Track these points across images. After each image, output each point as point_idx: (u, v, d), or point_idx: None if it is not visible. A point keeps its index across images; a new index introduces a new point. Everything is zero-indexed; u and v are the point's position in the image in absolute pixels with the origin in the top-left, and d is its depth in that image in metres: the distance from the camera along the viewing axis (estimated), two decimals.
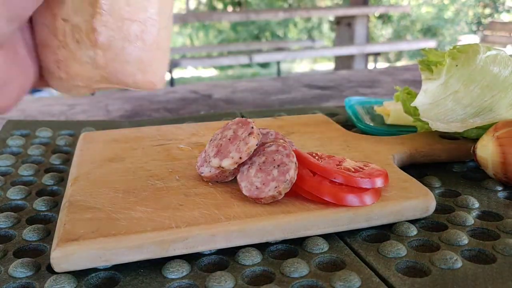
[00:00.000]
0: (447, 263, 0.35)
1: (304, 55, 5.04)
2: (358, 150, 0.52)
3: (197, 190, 0.42)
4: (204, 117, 0.73)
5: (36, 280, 0.34)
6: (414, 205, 0.40)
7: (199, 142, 0.54)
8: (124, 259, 0.34)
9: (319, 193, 0.38)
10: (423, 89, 0.56)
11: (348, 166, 0.42)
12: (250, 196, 0.39)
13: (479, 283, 0.33)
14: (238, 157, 0.40)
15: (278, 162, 0.40)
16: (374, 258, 0.36)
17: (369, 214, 0.39)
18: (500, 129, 0.48)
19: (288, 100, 0.93)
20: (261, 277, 0.35)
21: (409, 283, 0.33)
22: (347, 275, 0.33)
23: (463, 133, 0.55)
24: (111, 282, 0.34)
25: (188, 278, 0.34)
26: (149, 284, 0.34)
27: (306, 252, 0.37)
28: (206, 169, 0.43)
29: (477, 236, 0.40)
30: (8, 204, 0.45)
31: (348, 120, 0.70)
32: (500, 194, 0.47)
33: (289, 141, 0.45)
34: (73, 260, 0.33)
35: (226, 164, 0.40)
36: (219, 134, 0.44)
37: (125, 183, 0.43)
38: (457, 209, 0.44)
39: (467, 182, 0.50)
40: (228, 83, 1.11)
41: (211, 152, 0.43)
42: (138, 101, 0.93)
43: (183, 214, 0.37)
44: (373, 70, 1.29)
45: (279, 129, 0.58)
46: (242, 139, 0.41)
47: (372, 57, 5.01)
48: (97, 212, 0.38)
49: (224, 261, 0.36)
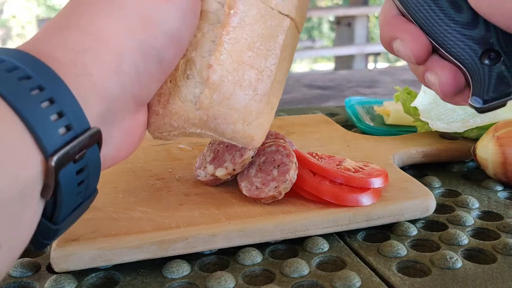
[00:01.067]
0: (447, 263, 0.35)
1: (304, 55, 5.04)
2: (358, 150, 0.52)
3: (197, 190, 0.42)
4: None
5: (36, 280, 0.34)
6: (414, 205, 0.40)
7: (199, 142, 0.54)
8: (124, 259, 0.34)
9: (319, 193, 0.38)
10: (423, 89, 0.56)
11: (348, 166, 0.42)
12: (250, 196, 0.39)
13: (479, 283, 0.33)
14: (232, 169, 0.40)
15: (278, 162, 0.40)
16: (374, 258, 0.36)
17: (369, 214, 0.39)
18: (500, 129, 0.48)
19: (288, 100, 0.93)
20: (261, 277, 0.35)
21: (409, 283, 0.33)
22: (347, 275, 0.33)
23: (463, 133, 0.55)
24: (111, 282, 0.34)
25: (188, 278, 0.34)
26: (149, 284, 0.34)
27: (306, 252, 0.37)
28: (202, 173, 0.43)
29: (477, 236, 0.40)
30: None
31: (348, 120, 0.70)
32: (500, 194, 0.47)
33: (289, 141, 0.45)
34: (73, 260, 0.33)
35: (219, 174, 0.40)
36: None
37: (125, 183, 0.43)
38: (457, 209, 0.44)
39: (467, 182, 0.50)
40: None
41: (208, 157, 0.43)
42: None
43: (183, 214, 0.37)
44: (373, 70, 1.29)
45: (279, 129, 0.58)
46: (239, 150, 0.40)
47: (372, 57, 5.01)
48: (97, 212, 0.37)
49: (224, 261, 0.36)
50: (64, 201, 0.23)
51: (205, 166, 0.42)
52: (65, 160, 0.23)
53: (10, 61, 0.23)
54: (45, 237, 0.25)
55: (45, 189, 0.22)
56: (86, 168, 0.25)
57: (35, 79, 0.23)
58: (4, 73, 0.22)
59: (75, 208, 0.26)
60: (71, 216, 0.26)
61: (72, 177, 0.24)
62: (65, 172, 0.23)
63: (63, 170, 0.23)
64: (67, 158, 0.23)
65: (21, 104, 0.21)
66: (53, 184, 0.22)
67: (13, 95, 0.21)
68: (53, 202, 0.23)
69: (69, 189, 0.24)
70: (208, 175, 0.42)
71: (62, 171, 0.23)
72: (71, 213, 0.25)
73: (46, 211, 0.24)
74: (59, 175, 0.22)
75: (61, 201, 0.23)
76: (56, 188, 0.23)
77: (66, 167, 0.23)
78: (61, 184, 0.23)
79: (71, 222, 0.26)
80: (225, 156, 0.41)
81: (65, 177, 0.23)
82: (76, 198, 0.25)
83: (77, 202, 0.25)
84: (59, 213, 0.24)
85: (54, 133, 0.22)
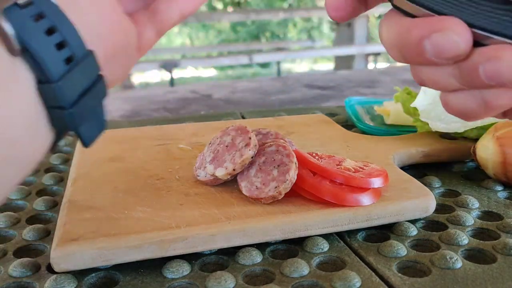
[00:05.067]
0: (447, 263, 0.35)
1: (304, 55, 5.04)
2: (358, 150, 0.52)
3: (197, 190, 0.42)
4: (204, 117, 0.73)
5: (36, 280, 0.34)
6: (414, 205, 0.40)
7: (199, 142, 0.54)
8: (124, 259, 0.34)
9: (319, 193, 0.38)
10: (423, 89, 0.56)
11: (348, 166, 0.42)
12: (250, 196, 0.39)
13: (479, 283, 0.33)
14: (231, 169, 0.40)
15: (278, 162, 0.40)
16: (374, 258, 0.36)
17: (369, 214, 0.39)
18: (500, 129, 0.48)
19: (288, 100, 0.93)
20: (261, 277, 0.35)
21: (409, 283, 0.33)
22: (347, 275, 0.33)
23: (463, 133, 0.55)
24: (111, 282, 0.34)
25: (188, 278, 0.34)
26: (149, 284, 0.34)
27: (306, 252, 0.37)
28: (202, 173, 0.43)
29: (477, 236, 0.40)
30: (8, 204, 0.45)
31: (348, 120, 0.70)
32: (500, 194, 0.47)
33: (289, 141, 0.45)
34: (73, 260, 0.33)
35: (219, 174, 0.40)
36: (218, 139, 0.43)
37: (125, 183, 0.43)
38: (457, 209, 0.44)
39: (467, 182, 0.50)
40: (228, 83, 1.11)
41: (208, 157, 0.43)
42: (138, 101, 0.93)
43: (183, 214, 0.37)
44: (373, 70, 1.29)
45: (279, 129, 0.58)
46: (239, 150, 0.40)
47: (372, 57, 5.00)
48: (97, 212, 0.38)
49: (224, 261, 0.36)
50: (37, 49, 0.22)
51: (205, 166, 0.42)
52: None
53: None
54: (62, 117, 0.24)
55: (6, 43, 0.22)
56: (45, 16, 0.24)
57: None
58: None
59: (85, 93, 0.25)
60: (85, 98, 0.25)
61: (29, 21, 0.23)
62: (14, 15, 0.22)
63: (11, 14, 0.22)
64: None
65: None
66: (6, 32, 0.22)
67: None
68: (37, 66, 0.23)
69: (34, 35, 0.23)
70: (208, 175, 0.42)
71: (11, 15, 0.22)
72: (82, 95, 0.25)
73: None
74: (11, 22, 0.22)
75: (34, 49, 0.22)
76: (22, 41, 0.22)
77: (12, 10, 0.22)
78: (18, 30, 0.22)
79: (87, 106, 0.25)
80: (225, 156, 0.41)
81: (18, 20, 0.22)
82: (59, 54, 0.24)
83: (62, 56, 0.24)
84: (45, 65, 0.23)
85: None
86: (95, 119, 0.27)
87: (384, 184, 0.40)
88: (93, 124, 0.27)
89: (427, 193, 0.41)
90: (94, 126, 0.27)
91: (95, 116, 0.27)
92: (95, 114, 0.27)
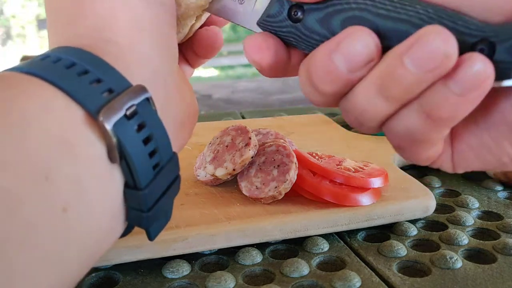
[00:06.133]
0: (447, 263, 0.35)
1: None
2: (358, 150, 0.52)
3: (197, 190, 0.42)
4: (204, 117, 0.73)
5: None
6: (414, 205, 0.40)
7: (199, 142, 0.54)
8: (124, 258, 0.34)
9: (319, 193, 0.38)
10: None
11: (348, 166, 0.42)
12: (250, 196, 0.39)
13: (479, 283, 0.33)
14: (231, 169, 0.40)
15: (278, 162, 0.40)
16: (374, 258, 0.36)
17: (369, 214, 0.39)
18: None
19: (288, 100, 0.93)
20: (261, 277, 0.35)
21: (409, 283, 0.33)
22: (347, 275, 0.33)
23: None
24: (111, 282, 0.34)
25: (188, 278, 0.34)
26: (149, 284, 0.34)
27: (306, 252, 0.37)
28: (202, 173, 0.43)
29: (477, 236, 0.40)
30: None
31: None
32: (500, 194, 0.47)
33: (289, 141, 0.45)
34: None
35: (219, 174, 0.40)
36: (218, 139, 0.43)
37: None
38: (457, 209, 0.44)
39: (467, 182, 0.50)
40: (228, 83, 1.11)
41: (208, 156, 0.43)
42: None
43: (183, 214, 0.37)
44: None
45: (279, 129, 0.58)
46: (239, 149, 0.40)
47: None
48: None
49: (224, 261, 0.36)
50: (134, 161, 0.23)
51: (205, 166, 0.42)
52: (111, 112, 0.22)
53: (67, 58, 0.23)
54: (139, 218, 0.24)
55: (109, 151, 0.22)
56: (145, 125, 0.24)
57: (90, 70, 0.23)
58: (63, 69, 0.23)
59: (162, 194, 0.25)
60: (161, 200, 0.25)
61: (132, 133, 0.23)
62: (121, 128, 0.22)
63: (119, 126, 0.22)
64: (113, 111, 0.22)
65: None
66: (112, 142, 0.22)
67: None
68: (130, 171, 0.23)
69: (135, 147, 0.23)
70: (208, 175, 0.42)
71: (118, 127, 0.22)
72: (159, 197, 0.25)
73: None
74: (117, 133, 0.22)
75: (131, 161, 0.23)
76: (123, 151, 0.23)
77: (120, 123, 0.23)
78: (122, 141, 0.22)
79: (162, 207, 0.26)
80: (225, 156, 0.41)
81: (124, 133, 0.23)
82: (150, 161, 0.24)
83: (151, 164, 0.24)
84: (137, 175, 0.23)
85: (96, 96, 0.23)
86: (164, 216, 0.27)
87: (384, 184, 0.40)
88: (162, 220, 0.27)
89: (427, 193, 0.41)
90: (163, 222, 0.27)
91: (165, 214, 0.27)
92: (166, 212, 0.27)
